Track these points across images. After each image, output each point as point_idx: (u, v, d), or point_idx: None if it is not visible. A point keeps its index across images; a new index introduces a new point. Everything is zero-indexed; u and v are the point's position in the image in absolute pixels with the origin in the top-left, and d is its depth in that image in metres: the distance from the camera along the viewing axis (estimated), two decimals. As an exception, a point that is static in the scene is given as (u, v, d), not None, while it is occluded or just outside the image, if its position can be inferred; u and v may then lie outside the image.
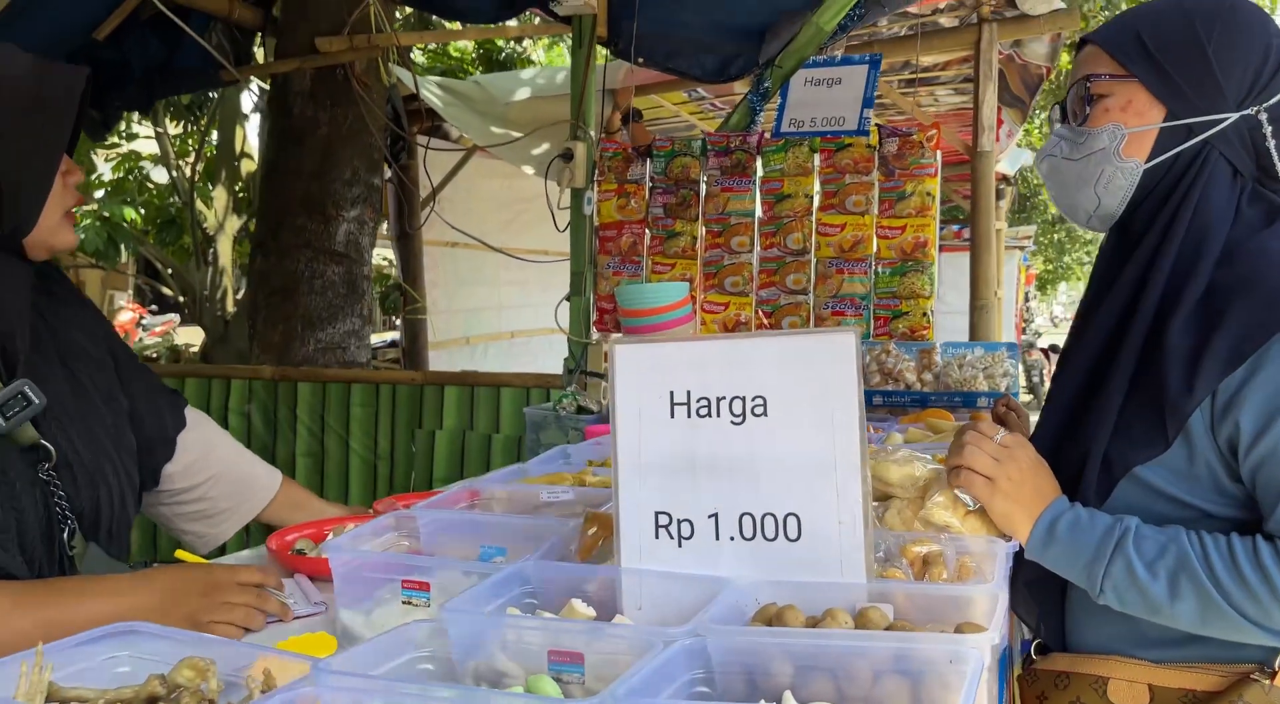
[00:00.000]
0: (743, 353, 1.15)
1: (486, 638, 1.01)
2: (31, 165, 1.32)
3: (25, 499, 1.30)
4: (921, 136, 2.91)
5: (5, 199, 1.30)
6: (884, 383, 2.59)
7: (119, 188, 11.09)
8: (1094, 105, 1.35)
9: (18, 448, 1.31)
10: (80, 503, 1.38)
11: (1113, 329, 1.33)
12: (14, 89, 1.30)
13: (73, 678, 0.97)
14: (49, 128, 1.33)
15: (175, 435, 1.65)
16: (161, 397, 1.64)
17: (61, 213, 1.39)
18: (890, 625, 1.01)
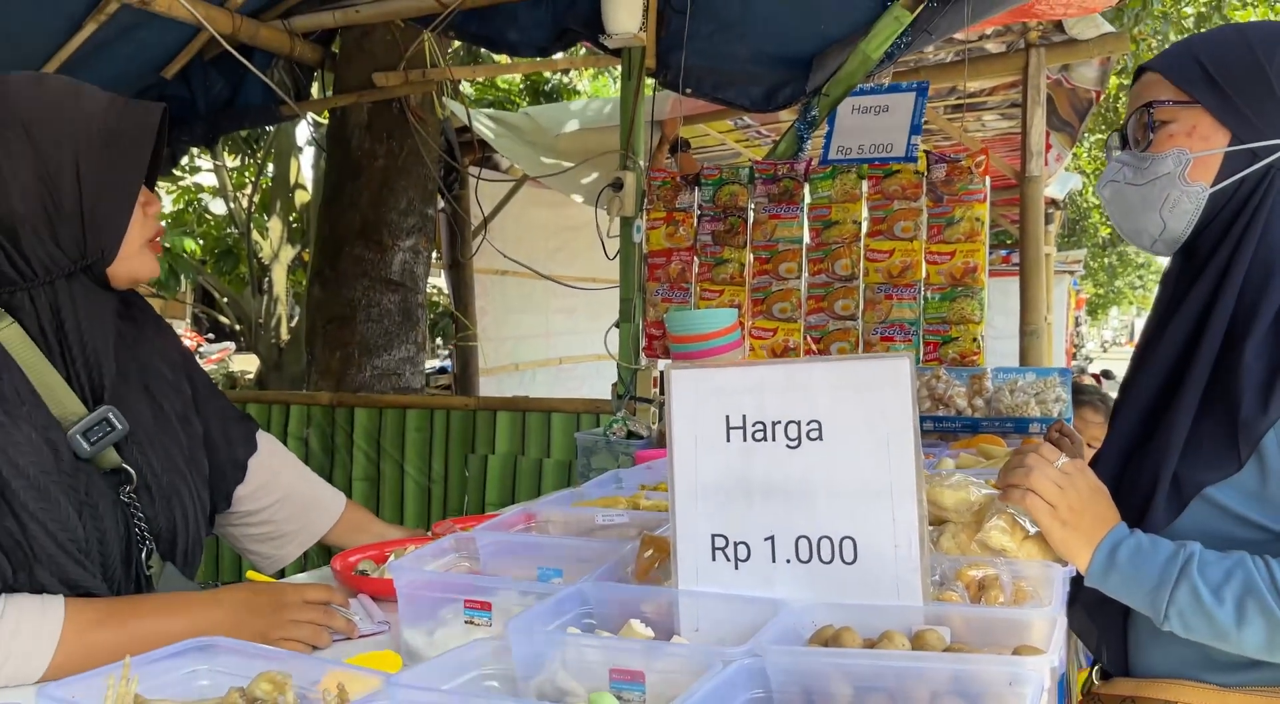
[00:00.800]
0: (798, 378, 1.17)
1: (549, 656, 1.04)
2: (111, 197, 1.35)
3: (107, 520, 1.35)
4: (970, 162, 2.92)
5: (88, 230, 1.34)
6: (934, 408, 2.59)
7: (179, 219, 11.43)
8: (1157, 131, 1.36)
9: (101, 471, 1.36)
10: (158, 524, 1.43)
11: (1180, 351, 1.34)
12: (93, 124, 1.35)
13: (156, 690, 1.01)
14: (127, 160, 1.37)
15: (246, 459, 1.70)
16: (234, 421, 1.69)
17: (142, 242, 1.42)
18: (947, 648, 1.02)
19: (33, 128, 1.32)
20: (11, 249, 1.31)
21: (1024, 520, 1.26)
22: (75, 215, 1.34)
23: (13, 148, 1.31)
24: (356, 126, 4.24)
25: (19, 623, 1.22)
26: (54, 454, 1.30)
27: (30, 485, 1.26)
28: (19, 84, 1.36)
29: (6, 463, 1.25)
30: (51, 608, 1.25)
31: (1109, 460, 1.36)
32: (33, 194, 1.31)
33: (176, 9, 3.17)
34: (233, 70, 3.76)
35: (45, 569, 1.28)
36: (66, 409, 1.34)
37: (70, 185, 1.33)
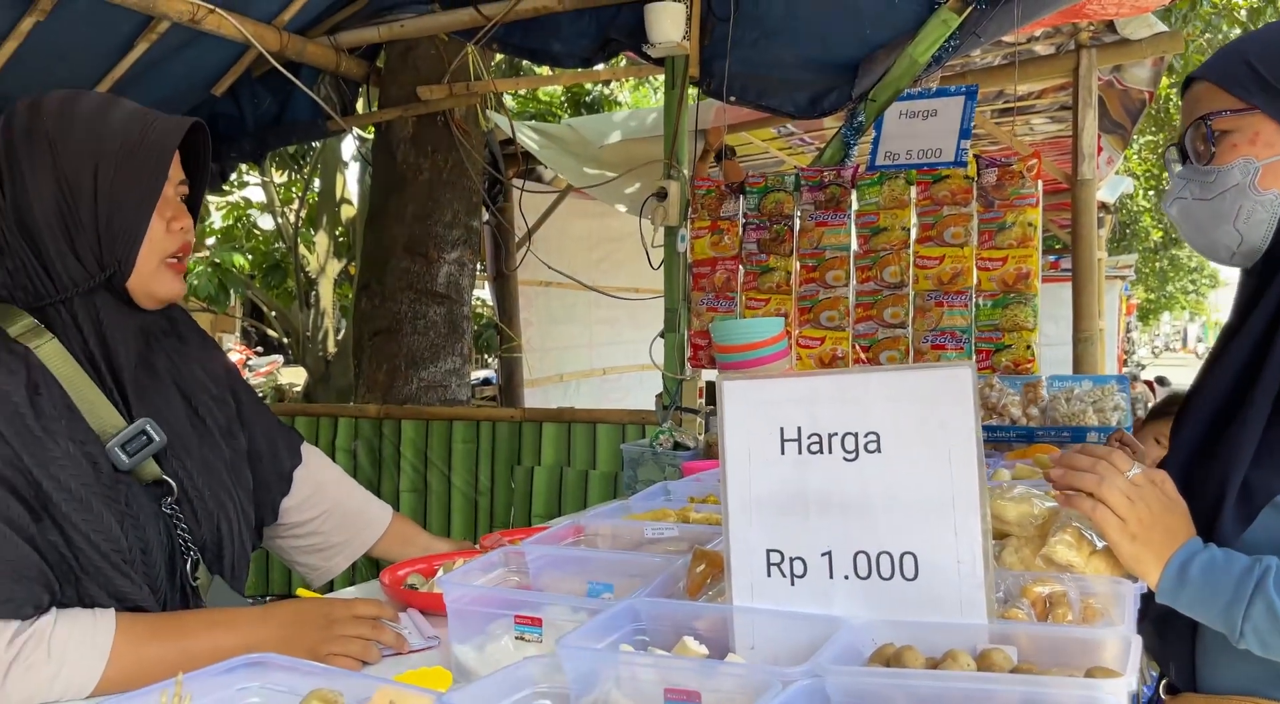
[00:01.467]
0: (854, 388, 1.14)
1: (602, 675, 1.01)
2: (127, 208, 1.36)
3: (149, 531, 1.35)
4: (1022, 166, 2.86)
5: (103, 241, 1.35)
6: (988, 418, 2.53)
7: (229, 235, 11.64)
8: (1219, 142, 1.32)
9: (141, 483, 1.36)
10: (201, 536, 1.43)
11: (1251, 356, 1.29)
12: (116, 138, 1.36)
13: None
14: (146, 172, 1.36)
15: (292, 471, 1.71)
16: (279, 434, 1.70)
17: (161, 258, 1.41)
18: (1014, 669, 0.98)
19: (57, 142, 1.34)
20: (35, 261, 1.34)
21: (1091, 534, 1.22)
22: (92, 227, 1.35)
23: (37, 161, 1.34)
24: (401, 140, 4.27)
25: (70, 636, 1.23)
26: (93, 467, 1.31)
27: (72, 498, 1.27)
28: (51, 102, 1.38)
29: (47, 477, 1.26)
30: (103, 621, 1.26)
31: (1173, 468, 1.31)
32: (53, 207, 1.33)
33: (225, 27, 3.22)
34: (280, 87, 3.81)
35: (93, 581, 1.29)
36: (105, 422, 1.34)
37: (88, 197, 1.34)
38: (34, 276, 1.34)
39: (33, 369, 1.31)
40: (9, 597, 1.20)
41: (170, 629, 1.30)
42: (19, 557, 1.22)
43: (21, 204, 1.33)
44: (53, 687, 1.21)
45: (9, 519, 1.22)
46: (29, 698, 1.20)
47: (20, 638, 1.20)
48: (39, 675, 1.20)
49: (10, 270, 1.34)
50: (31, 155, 1.34)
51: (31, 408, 1.28)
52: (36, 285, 1.34)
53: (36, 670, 1.20)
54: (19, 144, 1.34)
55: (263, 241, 11.81)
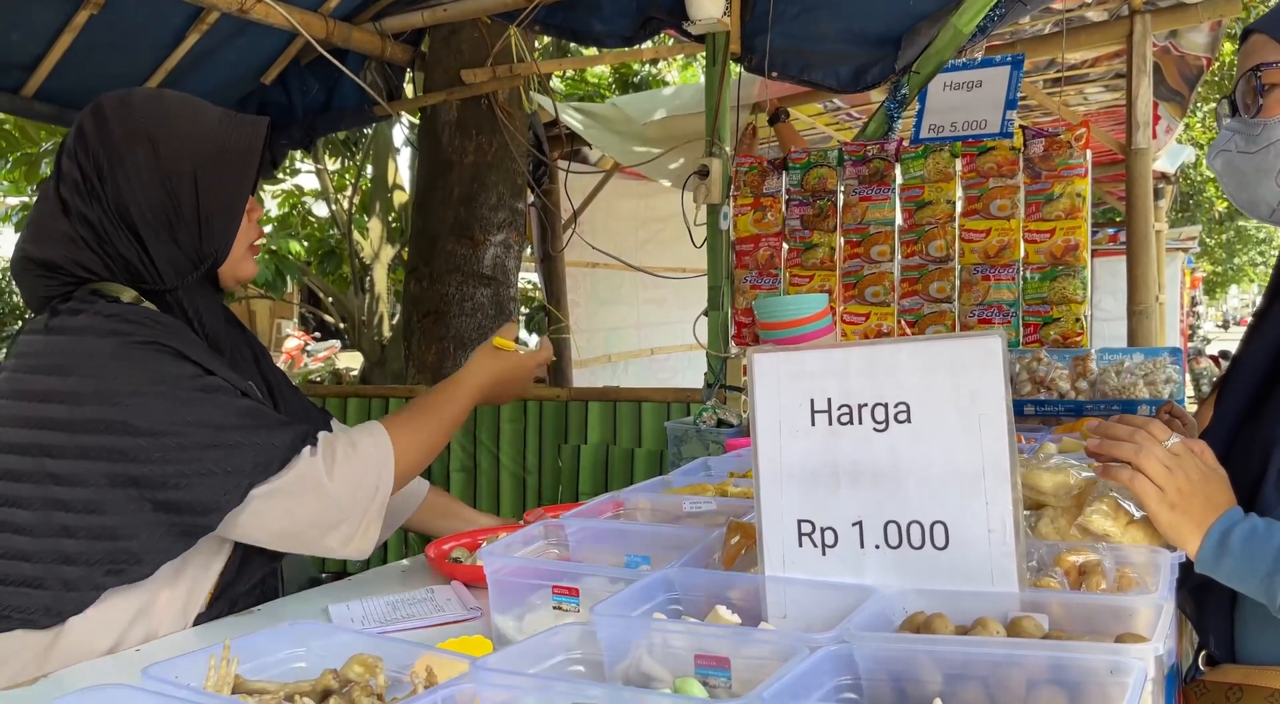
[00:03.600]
0: (884, 359, 1.14)
1: (634, 641, 1.03)
2: (224, 204, 1.48)
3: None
4: (1069, 136, 2.81)
5: (203, 234, 1.47)
6: (1035, 392, 2.50)
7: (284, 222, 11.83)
8: (1267, 95, 1.29)
9: None
10: None
11: None
12: (209, 138, 1.47)
13: (254, 673, 1.05)
14: (238, 171, 1.49)
15: None
16: (311, 414, 1.77)
17: (246, 245, 1.56)
18: (1045, 636, 0.98)
19: (158, 142, 1.44)
20: (141, 250, 1.44)
21: (1128, 504, 1.20)
22: (194, 221, 1.46)
23: (140, 159, 1.43)
24: (446, 124, 4.31)
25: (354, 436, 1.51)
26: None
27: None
28: (142, 99, 1.48)
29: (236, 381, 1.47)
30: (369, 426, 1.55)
31: (1216, 438, 1.29)
32: (157, 201, 1.44)
33: (273, 16, 3.27)
34: (327, 74, 3.86)
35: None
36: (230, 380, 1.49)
37: (189, 194, 1.45)
38: (137, 264, 1.45)
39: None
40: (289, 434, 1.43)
41: (417, 414, 1.61)
42: (273, 413, 1.44)
43: (126, 198, 1.42)
44: (366, 472, 1.45)
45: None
46: (356, 485, 1.44)
47: (319, 447, 1.45)
48: (353, 464, 1.45)
49: (111, 256, 1.44)
50: (134, 152, 1.43)
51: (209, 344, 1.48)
52: (137, 271, 1.45)
53: (351, 460, 1.45)
54: (119, 141, 1.43)
55: (318, 228, 11.98)
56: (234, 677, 0.99)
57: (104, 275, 1.45)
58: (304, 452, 1.43)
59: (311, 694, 0.99)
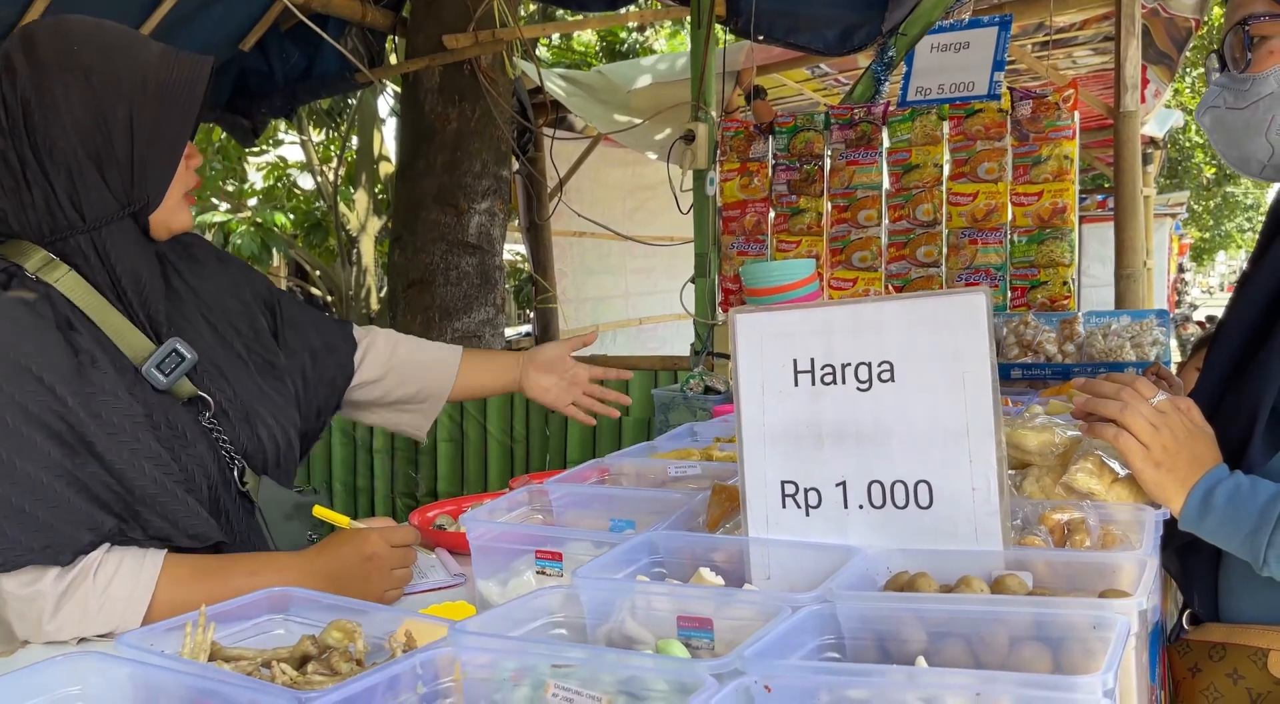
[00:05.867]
0: (867, 318, 1.13)
1: (617, 604, 1.02)
2: (160, 146, 1.38)
3: (196, 447, 1.39)
4: (1057, 97, 2.79)
5: (136, 177, 1.37)
6: (1023, 355, 2.50)
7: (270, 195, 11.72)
8: (1256, 49, 1.26)
9: (179, 402, 1.40)
10: (243, 444, 1.46)
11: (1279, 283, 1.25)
12: (148, 74, 1.36)
13: (232, 640, 1.04)
14: (177, 113, 1.38)
15: (350, 357, 1.75)
16: (331, 326, 1.74)
17: (181, 194, 1.44)
18: (1029, 594, 0.98)
19: (91, 74, 1.33)
20: (69, 191, 1.33)
21: (1113, 462, 1.20)
22: (126, 162, 1.36)
23: (71, 92, 1.32)
24: (429, 90, 4.26)
25: (116, 573, 1.27)
26: (131, 394, 1.33)
27: (115, 429, 1.29)
28: (78, 27, 1.37)
29: (89, 414, 1.28)
30: (150, 560, 1.30)
31: (1203, 397, 1.28)
32: (89, 137, 1.33)
33: (249, -20, 3.22)
34: (307, 40, 3.80)
35: (150, 511, 1.31)
36: (136, 347, 1.36)
37: (123, 132, 1.35)
38: (58, 208, 1.34)
39: (57, 304, 1.33)
40: (47, 543, 1.24)
41: (215, 572, 1.33)
42: (58, 500, 1.25)
43: (55, 132, 1.32)
44: (98, 622, 1.25)
45: (45, 462, 1.25)
46: (78, 631, 1.25)
47: (69, 574, 1.24)
48: (86, 610, 1.24)
49: (26, 204, 1.34)
50: (66, 83, 1.32)
51: (68, 344, 1.30)
52: (58, 216, 1.34)
53: (84, 605, 1.24)
54: (51, 70, 1.33)
55: (304, 201, 11.87)
56: (210, 644, 0.98)
57: (14, 228, 1.35)
58: (49, 573, 1.25)
59: (290, 660, 0.98)
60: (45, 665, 0.88)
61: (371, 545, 1.38)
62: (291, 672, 0.94)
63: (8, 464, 1.24)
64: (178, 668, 0.89)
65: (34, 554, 1.23)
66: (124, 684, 0.89)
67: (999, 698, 0.75)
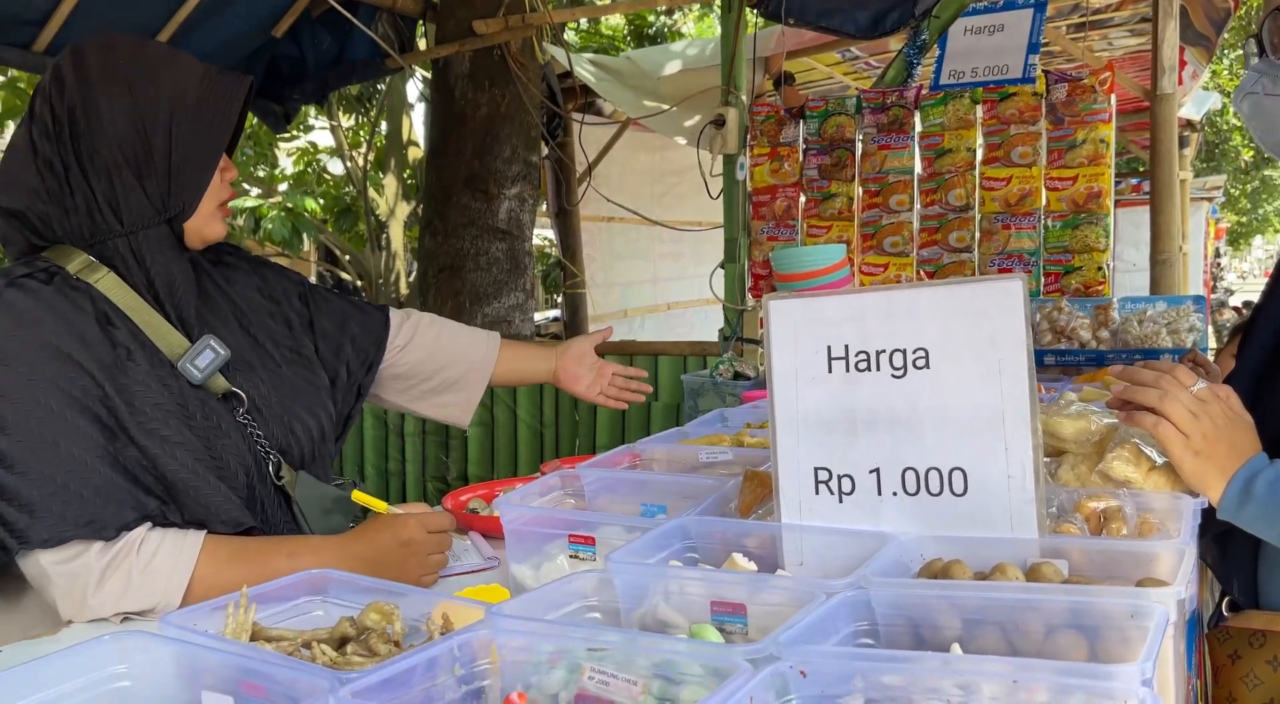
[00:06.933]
0: (903, 305, 1.12)
1: (650, 589, 1.03)
2: (196, 157, 1.44)
3: (230, 439, 1.43)
4: (1093, 80, 2.75)
5: (173, 185, 1.43)
6: (1056, 341, 2.48)
7: (300, 180, 11.80)
8: None
9: (214, 397, 1.44)
10: (277, 440, 1.50)
11: None
12: (188, 89, 1.44)
13: (272, 619, 1.05)
14: (214, 126, 1.46)
15: (384, 338, 1.78)
16: (365, 310, 1.77)
17: (216, 205, 1.50)
18: (1065, 582, 0.97)
19: (135, 87, 1.41)
20: (108, 196, 1.39)
21: (1150, 450, 1.19)
22: (164, 171, 1.42)
23: (115, 103, 1.40)
24: (459, 76, 4.26)
25: (158, 549, 1.30)
26: (165, 388, 1.38)
27: (149, 419, 1.34)
28: (124, 44, 1.45)
29: (125, 404, 1.33)
30: (190, 540, 1.33)
31: (1240, 384, 1.27)
32: (129, 146, 1.40)
33: (281, -33, 3.23)
34: (338, 26, 3.82)
35: (186, 496, 1.35)
36: (172, 344, 1.41)
37: (162, 143, 1.41)
38: (98, 212, 1.40)
39: (97, 301, 1.38)
40: (90, 519, 1.27)
41: (254, 553, 1.36)
42: (101, 480, 1.29)
43: (98, 140, 1.39)
44: (141, 597, 1.28)
45: (88, 444, 1.29)
46: (121, 606, 1.28)
47: (113, 548, 1.28)
48: (130, 583, 1.27)
49: (69, 209, 1.40)
50: (110, 94, 1.39)
51: (105, 339, 1.35)
52: (98, 220, 1.40)
53: (127, 578, 1.27)
54: (97, 82, 1.40)
55: (333, 186, 11.94)
56: (252, 624, 1.00)
57: (58, 233, 1.41)
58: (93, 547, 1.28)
59: (329, 641, 0.99)
60: (90, 645, 0.90)
61: (408, 531, 1.40)
62: (331, 652, 0.96)
63: (51, 445, 1.28)
64: (221, 647, 0.91)
65: (78, 529, 1.26)
66: (168, 663, 0.90)
67: (1035, 686, 0.75)
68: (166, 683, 0.90)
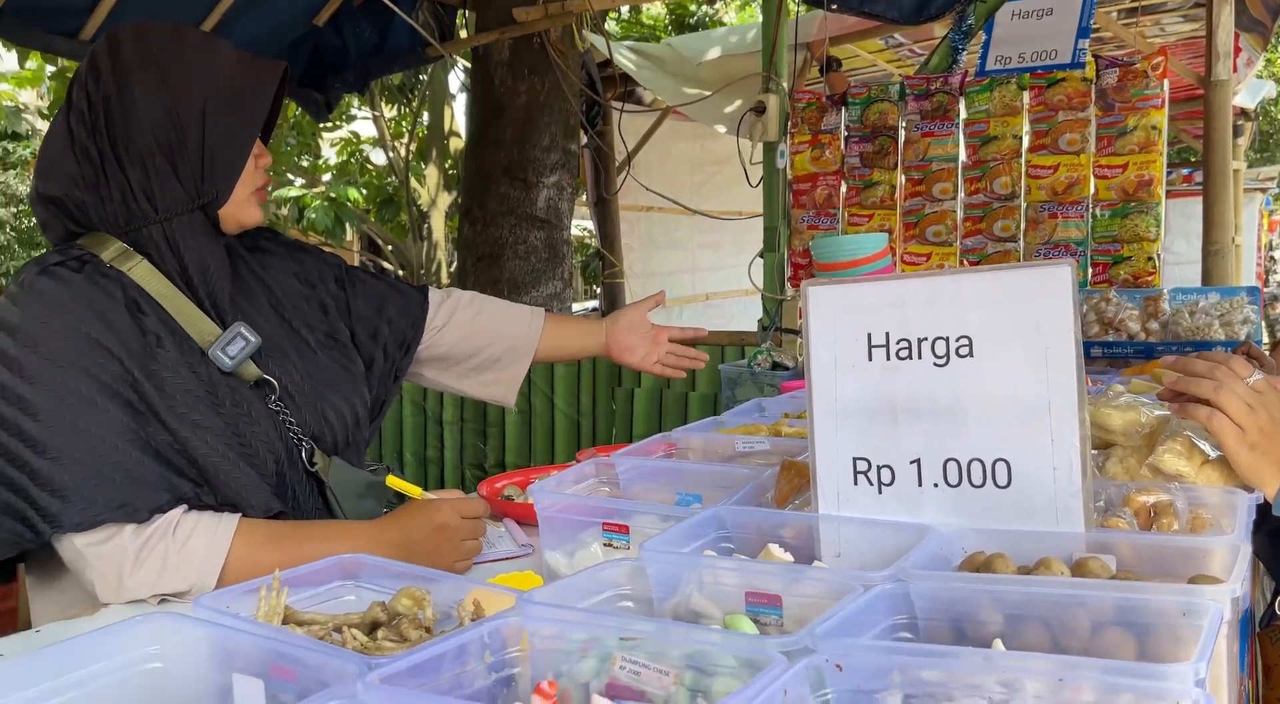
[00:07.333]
0: (946, 291, 1.09)
1: (684, 578, 1.01)
2: (230, 143, 1.44)
3: (263, 424, 1.43)
4: (1146, 65, 2.68)
5: (206, 172, 1.43)
6: (1104, 333, 2.42)
7: (343, 170, 11.91)
8: None
9: (246, 384, 1.44)
10: (310, 426, 1.50)
11: None
12: (222, 75, 1.44)
13: (305, 603, 1.05)
14: (248, 112, 1.46)
15: (422, 319, 1.77)
16: (403, 291, 1.76)
17: (250, 190, 1.50)
18: (1112, 577, 0.94)
19: (169, 74, 1.41)
20: (142, 183, 1.40)
21: (1203, 443, 1.15)
22: (197, 157, 1.42)
23: (149, 90, 1.40)
24: (498, 64, 4.26)
25: (194, 531, 1.30)
26: (195, 375, 1.38)
27: (179, 405, 1.35)
28: (158, 31, 1.45)
29: (155, 389, 1.34)
30: (225, 523, 1.33)
31: None
32: (162, 133, 1.40)
33: (323, -45, 3.25)
34: (379, 15, 3.83)
35: (217, 480, 1.36)
36: (203, 331, 1.42)
37: (195, 129, 1.41)
38: (132, 199, 1.41)
39: (128, 288, 1.39)
40: (123, 502, 1.28)
41: (289, 537, 1.36)
42: (132, 463, 1.29)
43: (132, 128, 1.39)
44: (177, 579, 1.29)
45: (119, 428, 1.30)
46: (157, 587, 1.28)
47: (148, 530, 1.28)
48: (166, 563, 1.28)
49: (104, 196, 1.41)
50: (145, 82, 1.40)
51: (135, 326, 1.36)
52: (133, 207, 1.41)
53: (163, 558, 1.28)
54: (132, 69, 1.40)
55: (376, 176, 12.05)
56: (284, 607, 0.99)
57: (94, 220, 1.42)
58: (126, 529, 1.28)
59: (360, 626, 0.99)
60: (124, 626, 0.90)
61: (442, 516, 1.39)
62: (362, 637, 0.95)
63: (84, 431, 1.29)
64: (253, 630, 0.90)
65: (110, 512, 1.27)
66: (201, 645, 0.90)
67: (1081, 685, 0.72)
68: (199, 665, 0.90)
